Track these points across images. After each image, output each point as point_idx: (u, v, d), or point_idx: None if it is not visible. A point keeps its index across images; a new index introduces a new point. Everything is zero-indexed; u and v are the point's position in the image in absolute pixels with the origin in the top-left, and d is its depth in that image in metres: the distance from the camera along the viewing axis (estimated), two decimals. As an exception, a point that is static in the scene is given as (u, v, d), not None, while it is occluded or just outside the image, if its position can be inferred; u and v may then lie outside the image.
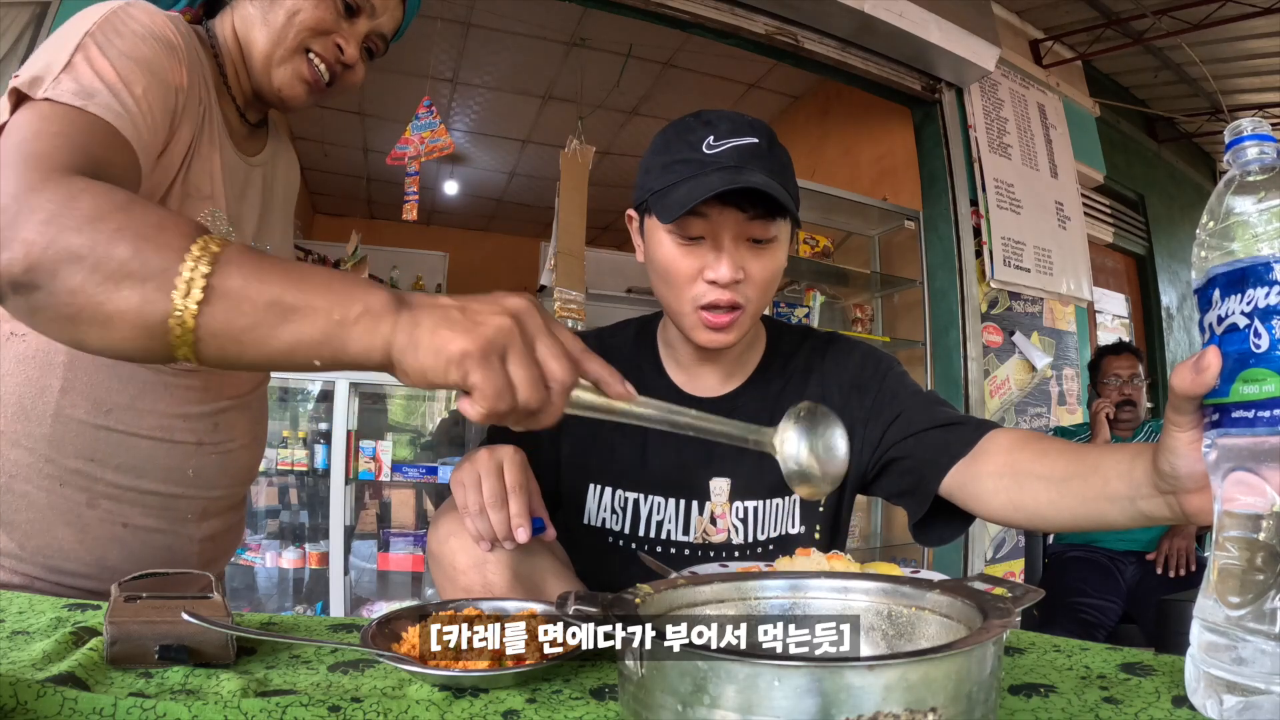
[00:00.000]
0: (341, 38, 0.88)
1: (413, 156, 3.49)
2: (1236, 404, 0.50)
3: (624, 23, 3.32)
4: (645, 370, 1.04)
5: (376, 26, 0.91)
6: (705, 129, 0.89)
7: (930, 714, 0.39)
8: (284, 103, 0.90)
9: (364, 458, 2.75)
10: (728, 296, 0.88)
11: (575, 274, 3.42)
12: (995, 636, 0.43)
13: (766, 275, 0.90)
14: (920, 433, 0.92)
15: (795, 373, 1.03)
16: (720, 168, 0.86)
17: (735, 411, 1.00)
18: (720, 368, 1.02)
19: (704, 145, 0.88)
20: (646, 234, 0.95)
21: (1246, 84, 4.36)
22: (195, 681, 0.55)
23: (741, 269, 0.88)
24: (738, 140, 0.88)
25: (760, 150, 0.88)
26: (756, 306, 0.92)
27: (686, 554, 0.98)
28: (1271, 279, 0.49)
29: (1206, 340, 0.53)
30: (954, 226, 3.51)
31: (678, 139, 0.91)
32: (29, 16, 2.22)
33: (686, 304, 0.91)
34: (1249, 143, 0.52)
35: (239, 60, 0.89)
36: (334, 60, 0.88)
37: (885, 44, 3.29)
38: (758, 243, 0.89)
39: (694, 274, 0.89)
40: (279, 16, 0.85)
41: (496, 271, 6.96)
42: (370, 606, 2.81)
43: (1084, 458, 0.74)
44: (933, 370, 3.56)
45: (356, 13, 0.89)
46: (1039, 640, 0.73)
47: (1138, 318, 4.75)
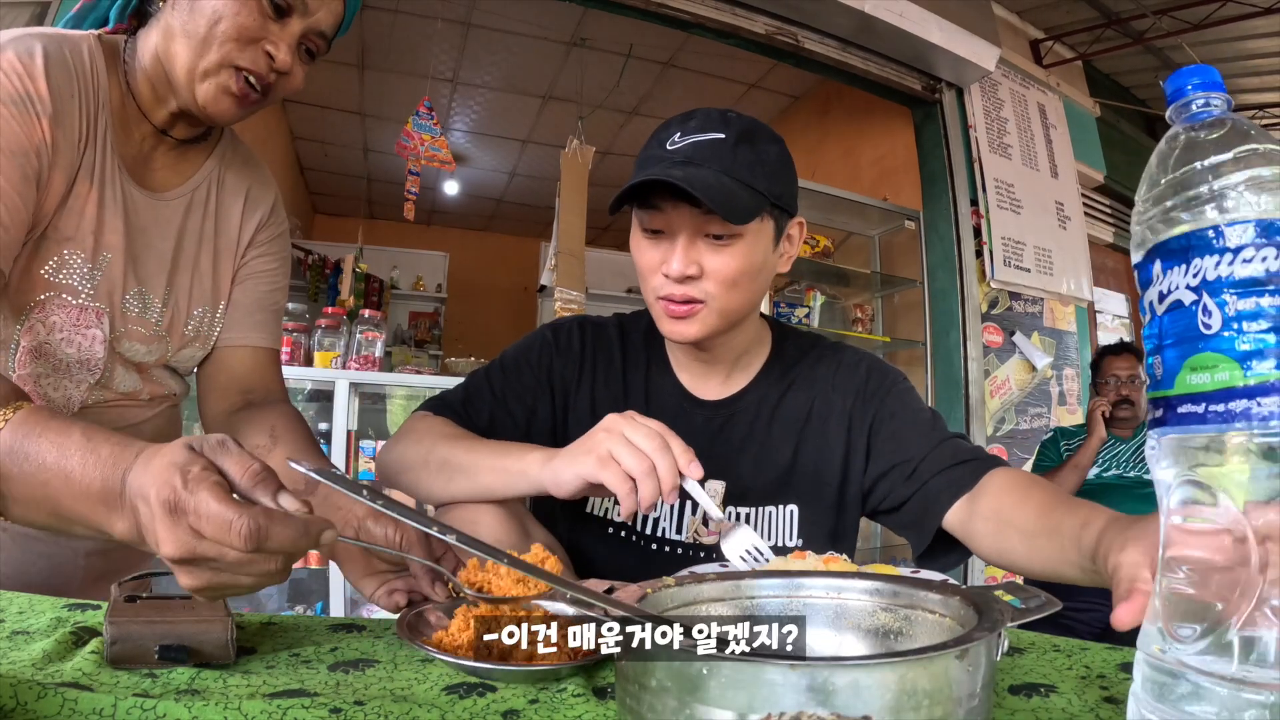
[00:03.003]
0: (271, 43, 0.79)
1: (414, 155, 3.50)
2: (1183, 396, 0.42)
3: (624, 23, 3.32)
4: (653, 368, 1.04)
5: (313, 24, 0.82)
6: (678, 125, 0.89)
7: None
8: (211, 119, 0.83)
9: (364, 458, 2.75)
10: (680, 291, 0.89)
11: (575, 274, 3.43)
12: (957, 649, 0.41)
13: (728, 272, 0.88)
14: (924, 472, 0.93)
15: (799, 379, 1.03)
16: (672, 163, 0.85)
17: (737, 415, 1.01)
18: (720, 369, 1.02)
19: (668, 141, 0.88)
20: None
21: (1246, 84, 4.36)
22: (199, 682, 0.55)
23: (696, 264, 0.88)
24: (700, 136, 0.87)
25: (722, 147, 0.86)
26: (722, 303, 0.90)
27: (679, 553, 0.98)
28: (1222, 245, 0.41)
29: (1147, 322, 0.45)
30: (954, 226, 3.51)
31: (654, 135, 0.91)
32: (29, 17, 2.22)
33: (650, 294, 0.93)
34: (1194, 94, 0.45)
35: (160, 77, 0.82)
36: (265, 71, 0.80)
37: (885, 44, 3.29)
38: (717, 239, 0.88)
39: (655, 266, 0.90)
40: (199, 25, 0.77)
41: (496, 271, 6.96)
42: (370, 607, 2.81)
43: (1050, 514, 0.76)
44: (933, 370, 3.56)
45: (286, 12, 0.80)
46: (1039, 640, 0.73)
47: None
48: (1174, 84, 0.45)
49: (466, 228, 7.19)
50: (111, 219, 0.84)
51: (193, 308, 0.95)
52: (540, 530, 0.92)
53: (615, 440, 0.75)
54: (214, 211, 0.95)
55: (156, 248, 0.90)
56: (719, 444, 1.00)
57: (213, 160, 0.95)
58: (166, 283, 0.92)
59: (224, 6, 0.77)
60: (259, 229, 1.00)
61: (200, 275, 0.95)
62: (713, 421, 1.01)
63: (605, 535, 1.00)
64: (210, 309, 0.97)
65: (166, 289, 0.92)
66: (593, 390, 1.02)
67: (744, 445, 1.01)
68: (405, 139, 3.49)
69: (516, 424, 1.00)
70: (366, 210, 6.88)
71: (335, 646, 0.66)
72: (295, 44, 0.82)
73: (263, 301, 1.01)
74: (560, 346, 1.04)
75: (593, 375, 1.03)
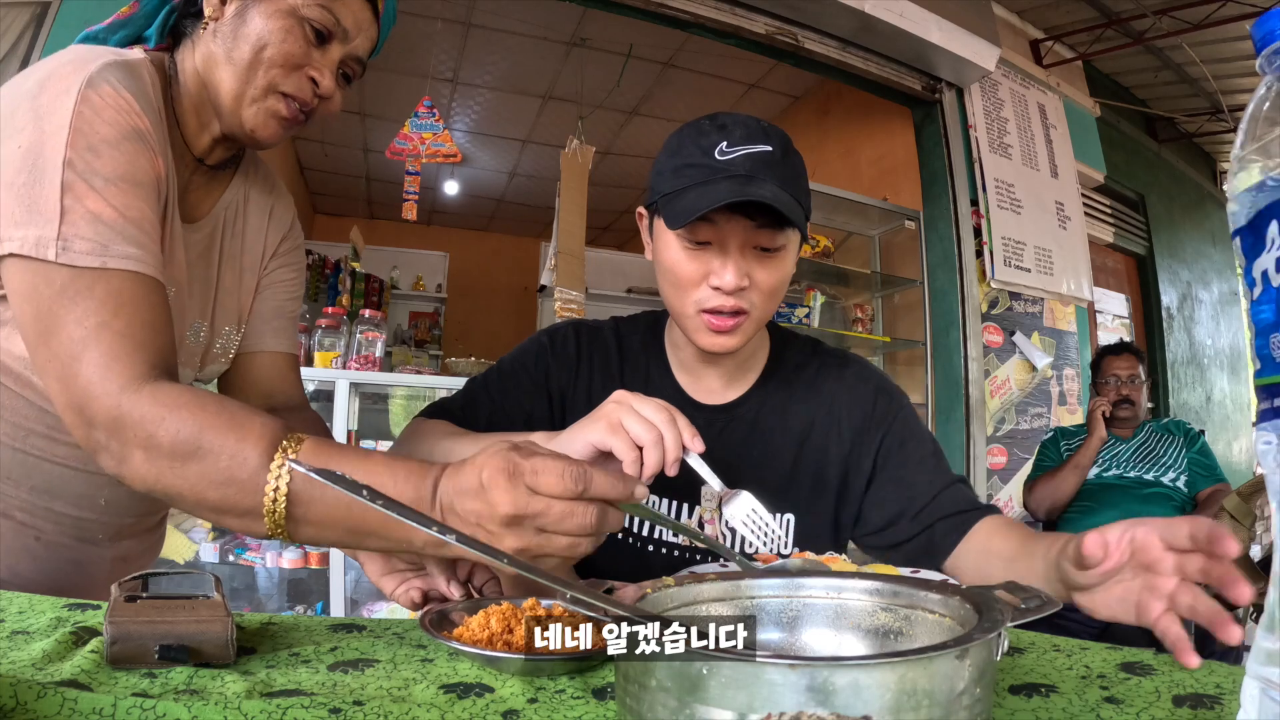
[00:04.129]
0: (315, 69, 0.81)
1: (413, 155, 3.49)
2: None
3: (624, 23, 3.33)
4: (653, 372, 1.04)
5: (351, 50, 0.84)
6: (719, 133, 0.88)
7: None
8: (257, 143, 0.84)
9: (364, 458, 2.75)
10: (731, 303, 0.89)
11: (575, 274, 3.43)
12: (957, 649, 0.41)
13: (773, 283, 0.90)
14: (929, 516, 0.96)
15: (802, 385, 1.03)
16: (730, 176, 0.85)
17: (735, 420, 1.02)
18: (723, 372, 1.02)
19: (716, 151, 0.87)
20: (655, 234, 0.95)
21: (1247, 84, 4.36)
22: (199, 682, 0.55)
23: (747, 276, 0.88)
24: (750, 147, 0.86)
25: (773, 158, 0.87)
26: (762, 313, 0.92)
27: (675, 555, 0.99)
28: None
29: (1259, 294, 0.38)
30: (954, 226, 3.51)
31: (691, 142, 0.90)
32: (29, 16, 2.22)
33: (690, 306, 0.91)
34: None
35: (201, 102, 0.83)
36: (309, 96, 0.82)
37: (885, 44, 3.29)
38: (765, 251, 0.89)
39: (699, 278, 0.89)
40: (244, 52, 0.78)
41: (496, 271, 6.96)
42: (370, 607, 2.81)
43: (1029, 543, 0.84)
44: (933, 370, 3.56)
45: (328, 39, 0.81)
46: (1039, 640, 0.73)
47: (1138, 318, 4.75)
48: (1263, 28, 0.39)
49: (466, 228, 7.19)
50: (173, 252, 0.83)
51: (223, 326, 0.96)
52: None
53: (625, 410, 0.76)
54: (240, 231, 0.96)
55: (201, 277, 0.91)
56: (717, 448, 1.00)
57: (238, 181, 0.95)
58: (211, 309, 0.93)
59: (269, 34, 0.78)
60: (281, 241, 1.01)
61: (228, 295, 0.96)
62: (712, 425, 1.01)
63: None
64: (235, 327, 0.98)
65: (211, 315, 0.93)
66: (589, 394, 1.02)
67: (743, 451, 1.01)
68: (401, 142, 3.49)
69: (514, 428, 1.00)
70: (366, 210, 6.89)
71: (335, 646, 0.66)
72: (335, 69, 0.83)
73: (282, 309, 1.01)
74: (556, 351, 1.04)
75: (589, 379, 1.03)
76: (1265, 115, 0.39)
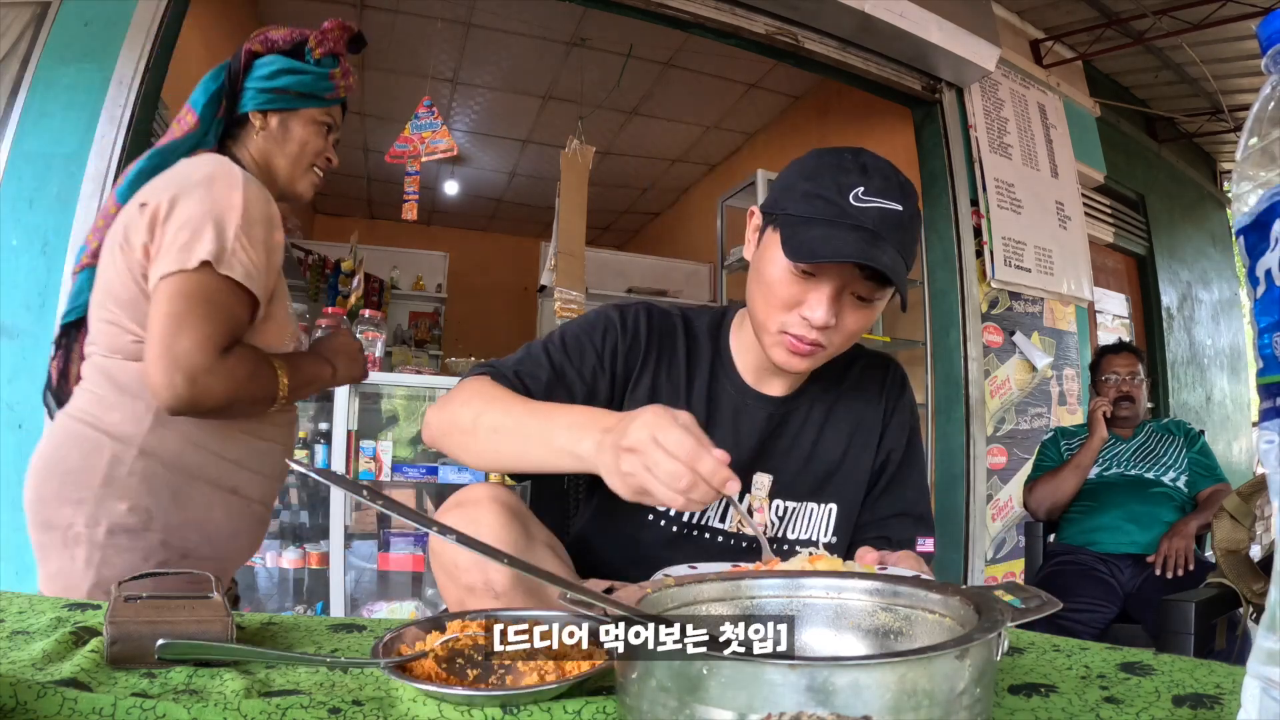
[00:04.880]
0: (329, 151, 1.34)
1: (413, 156, 3.49)
2: None
3: (624, 23, 3.32)
4: (717, 364, 1.06)
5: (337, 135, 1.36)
6: (859, 176, 0.89)
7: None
8: (301, 201, 1.36)
9: (364, 458, 2.75)
10: (813, 336, 0.92)
11: (575, 274, 3.43)
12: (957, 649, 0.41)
13: (856, 328, 0.94)
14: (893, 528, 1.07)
15: (850, 385, 1.09)
16: (858, 227, 0.87)
17: (793, 412, 1.06)
18: (786, 375, 1.05)
19: (851, 195, 0.88)
20: (764, 241, 0.96)
21: (1247, 84, 4.36)
22: (198, 682, 0.55)
23: (836, 316, 0.91)
24: (884, 203, 0.88)
25: (901, 220, 0.89)
26: (836, 350, 0.96)
27: (720, 540, 1.01)
28: None
29: (1262, 293, 0.38)
30: (954, 226, 3.51)
31: (829, 175, 0.91)
32: (29, 16, 2.22)
33: (774, 324, 0.94)
34: None
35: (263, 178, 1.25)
36: (328, 168, 1.35)
37: (885, 44, 3.29)
38: (861, 300, 0.92)
39: (793, 303, 0.92)
40: (293, 148, 1.29)
41: (496, 272, 6.96)
42: (370, 607, 2.81)
43: None
44: (933, 370, 3.56)
45: (334, 130, 1.34)
46: (1039, 640, 0.73)
47: (1138, 318, 4.75)
48: (1270, 27, 0.38)
49: (466, 228, 7.19)
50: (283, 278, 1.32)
51: None
52: (542, 530, 0.92)
53: (645, 477, 0.71)
54: None
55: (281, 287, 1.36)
56: (774, 438, 1.05)
57: None
58: None
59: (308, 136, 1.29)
60: None
61: None
62: (773, 417, 1.05)
63: (646, 522, 1.02)
64: None
65: None
66: (654, 378, 1.03)
67: (796, 441, 1.05)
68: (401, 145, 3.48)
69: (574, 400, 0.99)
70: (366, 210, 6.88)
71: (335, 647, 0.66)
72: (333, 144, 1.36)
73: None
74: (626, 329, 1.03)
75: (655, 363, 1.03)
76: (1270, 115, 0.39)
